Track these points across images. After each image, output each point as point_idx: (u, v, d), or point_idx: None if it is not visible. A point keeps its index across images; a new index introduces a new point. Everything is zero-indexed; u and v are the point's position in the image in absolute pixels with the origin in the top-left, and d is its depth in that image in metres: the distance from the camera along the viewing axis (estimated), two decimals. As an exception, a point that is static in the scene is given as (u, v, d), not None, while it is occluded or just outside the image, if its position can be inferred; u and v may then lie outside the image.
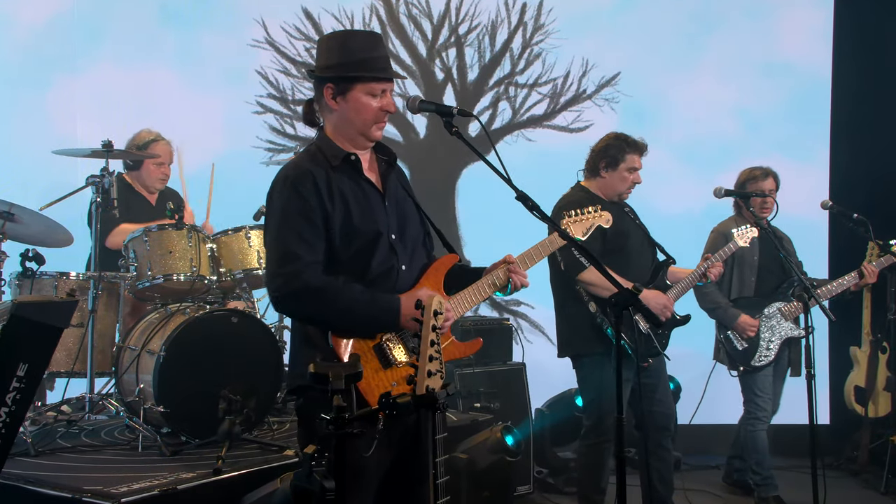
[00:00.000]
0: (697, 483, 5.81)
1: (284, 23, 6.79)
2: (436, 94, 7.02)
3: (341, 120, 2.80)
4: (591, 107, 7.11)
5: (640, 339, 4.36)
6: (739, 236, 4.68)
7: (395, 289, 2.74)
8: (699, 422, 6.51)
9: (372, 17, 6.95)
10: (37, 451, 3.97)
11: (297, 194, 2.65)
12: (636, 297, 2.51)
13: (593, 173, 4.55)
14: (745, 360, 5.14)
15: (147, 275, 4.35)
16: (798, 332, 5.17)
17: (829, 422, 7.01)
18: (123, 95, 6.37)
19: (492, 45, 7.10)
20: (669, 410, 4.60)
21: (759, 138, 7.10)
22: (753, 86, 7.17)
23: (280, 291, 2.62)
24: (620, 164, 4.47)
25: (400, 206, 2.88)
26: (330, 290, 2.61)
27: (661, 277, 4.54)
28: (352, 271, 2.69)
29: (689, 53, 7.14)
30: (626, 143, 4.50)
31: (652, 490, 4.54)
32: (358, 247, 2.70)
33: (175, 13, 6.69)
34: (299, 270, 2.59)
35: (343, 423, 1.84)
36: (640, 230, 4.59)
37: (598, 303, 4.33)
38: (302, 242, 2.62)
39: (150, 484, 3.42)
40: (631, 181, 4.51)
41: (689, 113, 7.06)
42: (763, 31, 7.21)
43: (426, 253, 2.96)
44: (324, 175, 2.71)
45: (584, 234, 3.33)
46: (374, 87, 2.77)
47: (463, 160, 7.03)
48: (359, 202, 2.74)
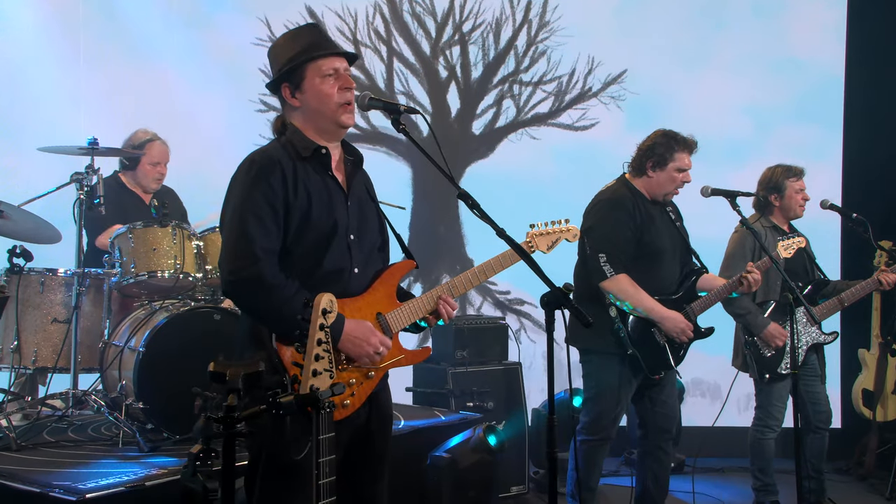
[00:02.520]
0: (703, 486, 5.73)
1: (288, 20, 6.78)
2: (439, 92, 7.00)
3: (307, 113, 2.77)
4: (596, 105, 7.05)
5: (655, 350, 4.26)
6: (784, 248, 4.49)
7: (346, 291, 2.70)
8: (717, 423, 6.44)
9: (375, 15, 6.95)
10: (19, 445, 4.00)
11: (262, 180, 2.62)
12: (567, 296, 2.46)
13: (639, 172, 4.36)
14: (771, 368, 4.88)
15: (131, 271, 4.37)
16: (823, 338, 5.02)
17: (839, 425, 6.88)
18: (128, 93, 6.42)
19: (496, 42, 7.05)
20: (672, 413, 4.50)
21: (771, 137, 7.00)
22: (764, 83, 7.06)
23: (234, 276, 2.59)
24: (669, 164, 4.28)
25: (362, 208, 2.84)
26: (280, 293, 2.56)
27: (691, 287, 4.39)
28: (303, 267, 2.67)
29: (697, 50, 7.05)
30: (674, 141, 4.31)
31: (645, 491, 4.48)
32: (312, 242, 2.67)
33: (180, 12, 6.73)
34: (256, 256, 2.56)
35: (232, 422, 1.82)
36: (679, 235, 4.44)
37: (617, 308, 4.21)
38: (262, 228, 2.59)
39: (118, 480, 3.43)
40: (680, 181, 4.33)
41: (697, 111, 6.95)
42: (774, 28, 7.11)
43: (382, 259, 2.92)
44: (291, 166, 2.68)
45: (549, 248, 3.21)
46: (322, 64, 2.74)
47: (466, 159, 7.01)
48: (321, 197, 2.71)
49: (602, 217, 4.28)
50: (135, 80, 6.45)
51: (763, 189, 5.08)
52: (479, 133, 7.05)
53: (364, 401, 2.71)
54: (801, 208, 5.06)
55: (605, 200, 4.34)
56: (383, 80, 6.97)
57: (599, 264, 4.17)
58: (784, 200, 5.02)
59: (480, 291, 6.96)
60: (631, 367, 4.25)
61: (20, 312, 4.42)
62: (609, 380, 4.27)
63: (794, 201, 5.02)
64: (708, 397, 6.94)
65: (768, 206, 5.07)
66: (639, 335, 4.23)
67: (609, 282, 4.17)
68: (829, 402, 5.13)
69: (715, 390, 6.87)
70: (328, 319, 2.18)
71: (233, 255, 2.59)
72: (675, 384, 4.51)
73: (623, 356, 4.22)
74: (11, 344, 4.42)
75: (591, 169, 6.36)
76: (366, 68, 6.95)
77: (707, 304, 4.37)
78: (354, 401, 2.67)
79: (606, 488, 5.61)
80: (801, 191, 5.04)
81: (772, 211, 5.08)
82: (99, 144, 4.52)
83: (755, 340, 4.90)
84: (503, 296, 6.89)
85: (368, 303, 2.75)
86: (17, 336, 4.42)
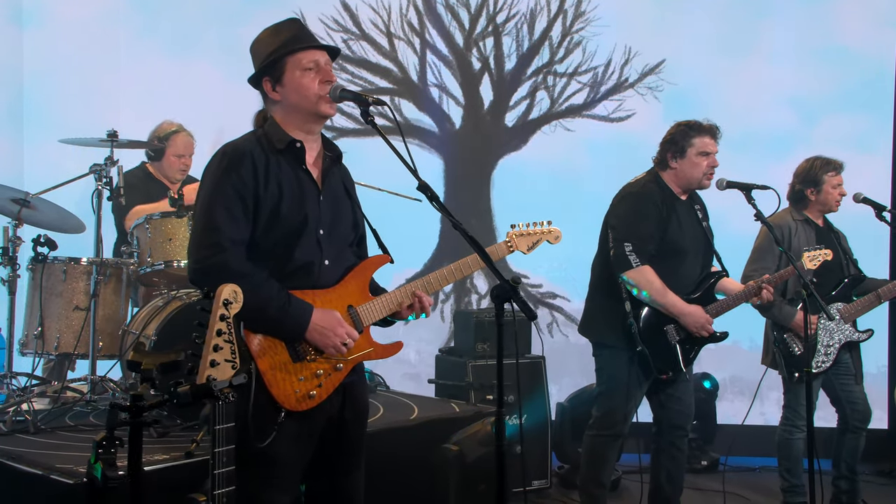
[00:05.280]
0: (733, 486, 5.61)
1: (323, 14, 6.85)
2: (472, 83, 6.97)
3: (288, 107, 2.79)
4: (633, 95, 6.94)
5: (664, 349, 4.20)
6: (810, 259, 4.42)
7: (317, 284, 2.72)
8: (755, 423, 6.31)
9: (409, 8, 6.95)
10: (37, 428, 4.11)
11: (233, 171, 2.65)
12: (515, 290, 2.44)
13: (664, 166, 4.34)
14: (800, 367, 4.71)
15: (147, 261, 4.47)
16: (858, 336, 4.88)
17: (886, 426, 6.67)
18: (166, 88, 6.54)
19: (530, 33, 6.99)
20: (687, 410, 4.42)
21: (817, 129, 6.79)
22: (810, 73, 6.84)
23: (201, 264, 2.61)
24: (688, 150, 4.24)
25: (336, 203, 2.85)
26: (249, 281, 2.55)
27: (709, 289, 4.33)
28: (273, 259, 2.68)
29: (739, 39, 6.86)
30: (689, 128, 4.29)
31: (658, 489, 4.42)
32: (281, 235, 2.68)
33: (216, 8, 6.84)
34: (223, 246, 2.59)
35: (139, 411, 1.85)
36: (703, 234, 4.38)
37: (632, 303, 4.18)
38: (230, 218, 2.61)
39: (120, 464, 3.51)
40: (707, 166, 4.25)
41: (739, 102, 6.78)
42: (821, 15, 6.89)
43: (356, 254, 2.92)
44: (263, 158, 2.70)
45: (529, 249, 3.21)
46: (303, 57, 2.77)
47: (498, 151, 6.97)
48: (292, 191, 2.72)
49: (629, 208, 4.26)
50: (172, 76, 6.56)
51: (799, 182, 4.95)
52: (512, 125, 6.99)
53: (331, 392, 2.71)
54: (837, 204, 4.92)
55: (633, 193, 4.32)
56: (416, 73, 6.97)
57: (626, 253, 4.13)
58: (820, 195, 4.89)
59: (512, 284, 6.92)
60: (640, 365, 4.19)
61: (44, 300, 4.55)
62: (619, 375, 4.24)
63: (830, 196, 4.88)
64: (747, 395, 6.78)
65: (803, 199, 4.93)
66: (650, 333, 4.18)
67: (634, 272, 4.12)
68: (867, 401, 4.96)
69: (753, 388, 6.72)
70: (230, 310, 2.19)
71: (199, 244, 2.62)
72: (689, 381, 4.42)
73: (633, 352, 4.17)
74: (35, 330, 4.56)
75: (626, 161, 6.21)
76: (399, 61, 6.96)
77: (722, 309, 4.29)
78: (321, 392, 2.68)
79: (633, 485, 5.54)
80: (839, 186, 4.90)
81: (806, 205, 4.94)
82: (118, 137, 4.61)
83: (785, 338, 4.78)
84: (535, 289, 6.83)
85: (340, 295, 2.76)
86: (40, 322, 4.56)
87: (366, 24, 6.91)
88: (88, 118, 6.10)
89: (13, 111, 6.47)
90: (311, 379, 2.65)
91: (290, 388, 2.62)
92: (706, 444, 6.29)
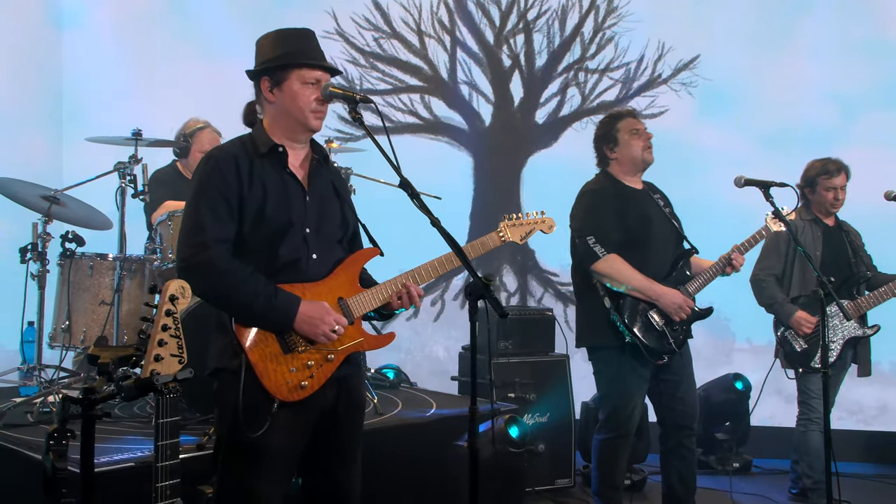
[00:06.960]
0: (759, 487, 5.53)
1: (354, 13, 6.91)
2: (502, 81, 6.96)
3: (279, 111, 2.86)
4: (666, 92, 6.86)
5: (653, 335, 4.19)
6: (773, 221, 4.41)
7: (305, 278, 2.77)
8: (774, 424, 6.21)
9: (440, 6, 6.96)
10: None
11: (217, 173, 2.73)
12: (488, 287, 2.44)
13: (606, 162, 4.42)
14: (804, 362, 4.86)
15: (169, 257, 4.56)
16: (863, 331, 4.87)
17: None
18: (199, 88, 6.66)
19: (561, 30, 6.95)
20: (692, 409, 4.38)
21: (857, 125, 6.61)
22: (851, 68, 6.67)
23: (186, 262, 2.68)
24: (619, 136, 4.33)
25: (322, 203, 2.90)
26: (234, 276, 2.65)
27: (682, 269, 4.34)
28: (260, 256, 2.74)
29: (776, 33, 6.73)
30: (611, 118, 4.42)
31: (671, 491, 4.39)
32: (267, 235, 2.75)
33: (251, 8, 6.93)
34: (207, 245, 2.66)
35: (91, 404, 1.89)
36: (668, 220, 4.40)
37: (611, 297, 4.20)
38: (215, 218, 2.69)
39: (131, 455, 3.60)
40: (642, 138, 4.32)
41: (775, 98, 6.66)
42: (862, 8, 6.70)
43: (345, 250, 2.95)
44: (247, 161, 2.78)
45: (522, 239, 3.27)
46: (307, 73, 2.84)
47: (528, 149, 6.94)
48: (277, 192, 2.79)
49: (586, 205, 4.34)
50: (205, 76, 6.68)
51: (801, 182, 5.07)
52: (543, 122, 6.96)
53: (324, 383, 2.75)
54: (833, 205, 5.01)
55: (587, 191, 4.40)
56: (446, 70, 6.99)
57: (589, 246, 4.17)
58: (815, 196, 5.03)
59: (541, 282, 6.90)
60: (634, 357, 4.19)
61: (71, 294, 4.69)
62: (616, 374, 4.24)
63: (823, 198, 5.00)
64: (783, 396, 6.65)
65: (805, 199, 5.06)
66: (634, 322, 4.19)
67: (601, 262, 4.15)
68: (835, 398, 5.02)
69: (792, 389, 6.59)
70: (177, 305, 2.23)
71: (185, 243, 2.71)
72: (690, 379, 4.40)
73: (623, 347, 4.17)
74: (63, 324, 4.69)
75: (660, 157, 6.12)
76: (429, 58, 6.98)
77: (700, 286, 4.31)
78: (312, 383, 2.72)
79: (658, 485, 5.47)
80: (833, 189, 4.98)
81: (809, 205, 5.07)
82: (143, 136, 4.72)
83: (786, 335, 4.88)
84: (565, 287, 6.80)
85: (330, 288, 2.81)
86: (68, 316, 4.68)
87: (396, 23, 6.95)
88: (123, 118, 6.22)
89: (53, 111, 6.66)
90: (303, 369, 2.70)
91: (282, 378, 2.67)
92: (739, 445, 6.19)
